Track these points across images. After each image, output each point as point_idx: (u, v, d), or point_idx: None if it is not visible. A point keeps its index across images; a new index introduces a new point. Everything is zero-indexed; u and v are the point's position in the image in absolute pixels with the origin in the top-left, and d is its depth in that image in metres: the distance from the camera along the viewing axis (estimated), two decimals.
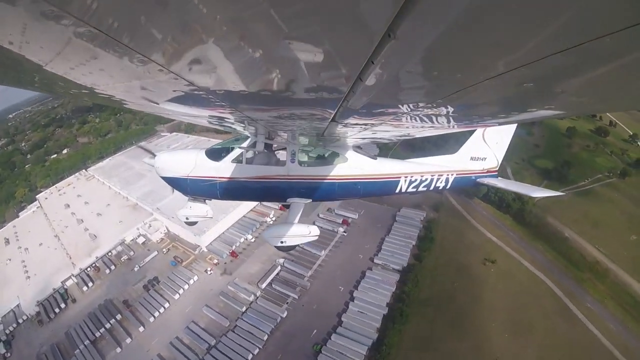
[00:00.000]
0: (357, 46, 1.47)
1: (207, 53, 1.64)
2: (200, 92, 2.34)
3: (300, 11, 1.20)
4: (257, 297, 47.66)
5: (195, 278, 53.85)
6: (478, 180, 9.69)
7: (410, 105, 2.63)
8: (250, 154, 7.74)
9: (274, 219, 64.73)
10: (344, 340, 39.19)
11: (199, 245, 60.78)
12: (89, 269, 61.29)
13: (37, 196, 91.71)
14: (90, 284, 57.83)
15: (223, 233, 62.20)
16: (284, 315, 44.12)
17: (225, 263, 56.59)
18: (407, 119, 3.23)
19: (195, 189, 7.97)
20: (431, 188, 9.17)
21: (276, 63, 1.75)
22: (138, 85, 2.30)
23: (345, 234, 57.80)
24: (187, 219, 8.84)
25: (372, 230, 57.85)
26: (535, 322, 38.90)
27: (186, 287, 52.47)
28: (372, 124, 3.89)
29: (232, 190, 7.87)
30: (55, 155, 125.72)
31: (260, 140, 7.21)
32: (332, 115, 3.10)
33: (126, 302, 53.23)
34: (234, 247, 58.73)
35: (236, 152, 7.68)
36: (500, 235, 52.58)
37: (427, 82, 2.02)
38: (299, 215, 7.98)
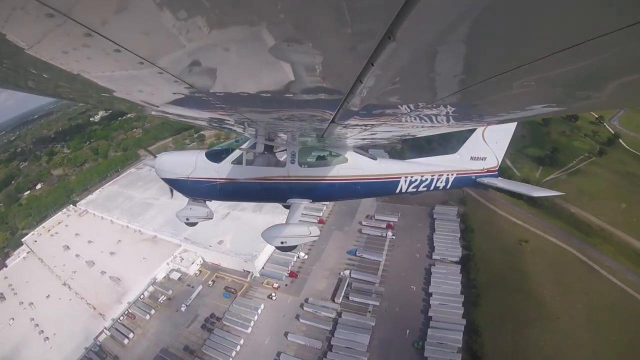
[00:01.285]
0: (357, 48, 1.56)
1: (207, 55, 1.75)
2: (200, 95, 2.48)
3: (300, 13, 1.27)
4: (340, 312, 50.68)
5: (262, 306, 53.90)
6: (478, 179, 10.00)
7: (410, 106, 2.80)
8: (250, 155, 8.11)
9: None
10: (439, 332, 45.46)
11: (249, 272, 60.31)
12: (122, 317, 56.17)
13: (23, 239, 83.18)
14: (130, 335, 53.48)
15: (271, 255, 62.67)
16: (374, 323, 48.36)
17: (287, 285, 57.68)
18: (407, 119, 3.43)
19: (196, 190, 8.33)
20: (431, 188, 9.52)
21: (276, 65, 1.82)
22: (138, 88, 2.44)
23: (394, 237, 63.86)
24: (187, 219, 9.17)
25: (416, 230, 65.07)
26: (574, 283, 50.61)
27: (255, 318, 52.36)
28: (372, 124, 4.07)
29: (233, 192, 8.24)
30: (28, 192, 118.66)
31: (260, 141, 7.55)
32: (332, 117, 3.26)
33: (188, 348, 50.90)
34: (290, 267, 59.96)
35: (236, 153, 8.07)
36: (521, 218, 64.58)
37: (427, 83, 2.17)
38: (299, 215, 8.23)
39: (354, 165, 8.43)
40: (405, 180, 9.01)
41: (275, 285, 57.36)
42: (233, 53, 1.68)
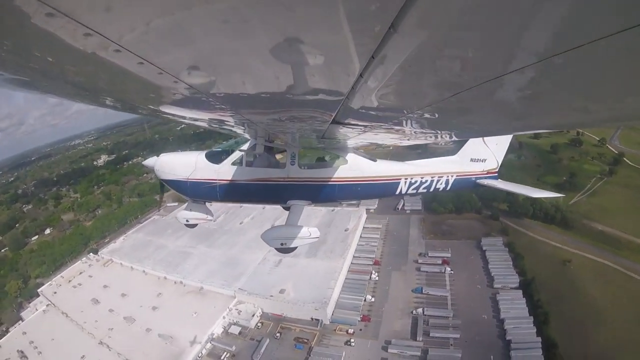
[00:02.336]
0: (359, 42, 1.70)
1: (206, 55, 2.01)
2: (200, 95, 2.83)
3: (301, 6, 1.40)
4: (426, 350, 61.85)
5: (343, 354, 62.96)
6: (478, 181, 11.59)
7: (412, 107, 3.18)
8: (250, 157, 9.55)
9: (377, 275, 79.76)
10: (521, 352, 58.27)
11: (318, 319, 69.41)
12: None
13: (39, 290, 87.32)
14: None
15: (338, 301, 73.16)
16: (460, 354, 60.18)
17: (361, 330, 67.86)
18: (408, 122, 3.94)
19: (196, 191, 9.76)
20: (431, 190, 11.09)
21: (277, 62, 2.01)
22: (137, 88, 2.80)
23: (452, 272, 78.12)
24: (187, 221, 10.66)
25: (469, 263, 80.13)
26: (619, 291, 67.07)
27: None
28: (372, 125, 4.72)
29: (232, 193, 9.71)
30: (36, 237, 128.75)
31: (260, 142, 8.89)
32: (332, 117, 3.77)
33: None
34: (360, 311, 70.63)
35: (236, 154, 9.52)
36: (558, 241, 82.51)
37: (430, 81, 2.41)
38: (299, 217, 9.61)
39: (354, 167, 9.81)
40: (405, 182, 10.42)
41: (350, 331, 67.36)
42: (232, 51, 1.92)
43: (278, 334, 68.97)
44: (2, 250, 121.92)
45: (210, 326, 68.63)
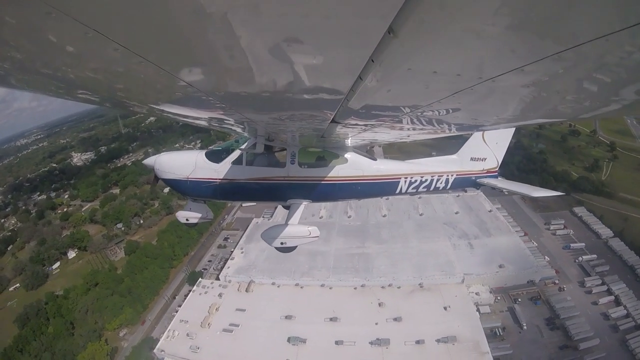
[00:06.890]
0: (358, 44, 1.95)
1: (206, 54, 2.25)
2: (200, 94, 3.23)
3: (300, 8, 1.58)
4: (602, 280, 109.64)
5: (569, 298, 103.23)
6: (478, 180, 13.34)
7: (411, 106, 3.65)
8: (250, 156, 10.71)
9: (535, 244, 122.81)
10: None
11: (532, 280, 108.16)
12: None
13: (157, 350, 67.29)
14: None
15: None
16: (617, 276, 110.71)
17: (558, 280, 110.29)
18: (407, 120, 4.52)
19: (196, 190, 11.01)
20: (431, 189, 12.64)
21: (276, 63, 2.29)
22: (137, 87, 3.19)
23: (573, 232, 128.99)
24: (187, 220, 12.11)
25: (576, 226, 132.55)
26: None
27: (573, 304, 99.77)
28: (372, 124, 5.44)
29: (232, 192, 11.05)
30: (58, 265, 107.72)
31: (260, 141, 9.89)
32: (332, 116, 4.32)
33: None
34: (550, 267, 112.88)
35: (236, 153, 10.72)
36: (608, 204, 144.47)
37: (428, 81, 2.76)
38: (299, 216, 10.76)
39: (354, 166, 11.36)
40: (405, 181, 12.20)
41: (556, 281, 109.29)
42: (232, 51, 2.16)
43: (519, 300, 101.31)
44: (11, 288, 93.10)
45: (473, 313, 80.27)
